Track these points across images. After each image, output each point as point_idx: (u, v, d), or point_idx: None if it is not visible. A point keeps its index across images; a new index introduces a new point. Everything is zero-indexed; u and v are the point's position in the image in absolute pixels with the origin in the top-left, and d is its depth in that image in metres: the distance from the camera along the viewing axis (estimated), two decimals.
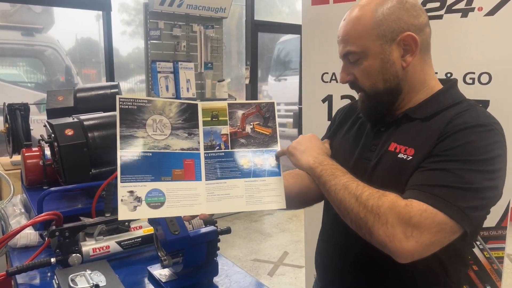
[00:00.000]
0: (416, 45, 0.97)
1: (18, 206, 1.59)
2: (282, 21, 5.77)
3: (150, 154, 0.96)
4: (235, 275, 1.19)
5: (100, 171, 1.44)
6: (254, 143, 1.05)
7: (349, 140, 1.15)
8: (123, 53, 5.03)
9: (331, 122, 1.30)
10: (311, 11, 2.04)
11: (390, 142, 1.01)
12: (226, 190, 1.00)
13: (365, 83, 1.03)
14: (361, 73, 1.02)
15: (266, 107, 1.07)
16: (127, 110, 0.96)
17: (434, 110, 0.99)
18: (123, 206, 0.90)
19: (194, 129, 1.02)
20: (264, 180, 1.02)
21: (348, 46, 1.01)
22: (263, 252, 3.85)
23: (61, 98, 1.82)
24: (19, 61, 4.76)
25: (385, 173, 0.99)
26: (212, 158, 1.01)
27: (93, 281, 0.99)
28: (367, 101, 1.06)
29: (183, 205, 0.96)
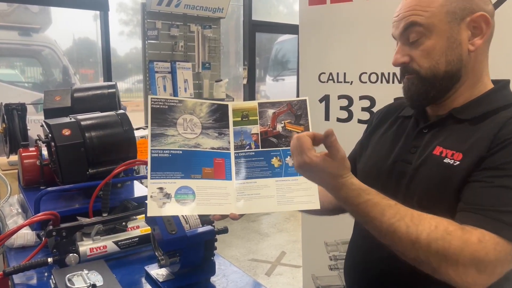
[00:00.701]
0: (488, 27, 0.91)
1: (15, 206, 1.59)
2: (280, 21, 5.77)
3: (180, 152, 0.96)
4: (232, 275, 1.19)
5: (97, 171, 1.44)
6: (286, 142, 1.01)
7: (387, 141, 1.09)
8: (120, 53, 5.03)
9: (368, 124, 1.25)
10: (308, 11, 2.04)
11: (435, 145, 0.94)
12: (257, 189, 0.97)
13: (423, 64, 0.94)
14: (420, 53, 0.94)
15: (297, 105, 1.04)
16: (158, 109, 0.96)
17: (482, 111, 0.92)
18: (153, 203, 0.90)
19: (225, 129, 1.01)
20: (296, 180, 0.98)
21: (412, 17, 0.92)
22: (261, 252, 3.85)
23: (58, 98, 1.82)
24: (16, 61, 4.76)
25: (428, 178, 0.92)
26: (242, 158, 1.00)
27: (90, 281, 0.99)
28: (419, 85, 0.96)
29: (212, 204, 0.95)
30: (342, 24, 1.91)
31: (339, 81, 1.97)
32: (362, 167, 1.14)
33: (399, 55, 0.97)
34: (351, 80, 1.93)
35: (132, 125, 1.54)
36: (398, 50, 0.98)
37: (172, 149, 0.95)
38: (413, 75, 0.97)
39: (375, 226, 0.83)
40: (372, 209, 0.82)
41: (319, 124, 2.05)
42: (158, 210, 0.90)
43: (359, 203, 0.83)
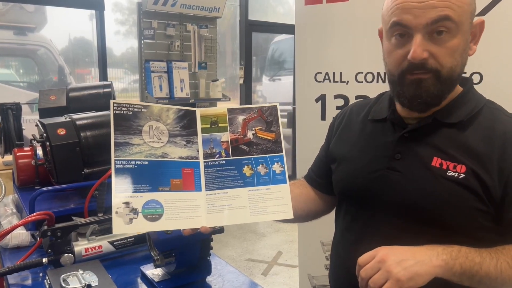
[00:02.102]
0: (481, 33, 0.90)
1: (10, 206, 1.58)
2: (277, 21, 5.77)
3: (147, 162, 0.90)
4: (228, 275, 1.18)
5: (92, 170, 1.43)
6: (257, 150, 0.98)
7: (363, 147, 1.04)
8: (116, 52, 5.01)
9: (330, 129, 1.21)
10: (304, 11, 2.04)
11: (430, 155, 0.91)
12: (228, 200, 0.93)
13: (446, 62, 0.87)
14: (444, 50, 0.86)
15: (268, 111, 1.01)
16: (122, 115, 0.91)
17: (467, 114, 0.91)
18: (118, 219, 0.85)
19: (193, 136, 0.97)
20: (268, 189, 0.95)
21: (446, 10, 0.83)
22: (257, 252, 3.85)
23: (54, 98, 1.81)
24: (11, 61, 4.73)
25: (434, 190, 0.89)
26: (212, 167, 0.96)
27: (85, 281, 0.99)
28: (437, 86, 0.89)
29: (182, 218, 0.90)
30: (338, 23, 1.92)
31: (335, 81, 1.97)
32: (341, 178, 1.09)
33: (420, 49, 0.86)
34: (347, 80, 1.93)
35: None
36: (419, 43, 0.86)
37: (138, 160, 0.90)
38: (429, 74, 0.88)
39: (484, 273, 0.82)
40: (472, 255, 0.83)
41: (316, 123, 2.05)
42: (124, 227, 0.86)
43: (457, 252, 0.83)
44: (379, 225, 0.98)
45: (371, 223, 1.00)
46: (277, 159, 0.98)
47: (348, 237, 1.07)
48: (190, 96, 4.17)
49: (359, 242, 1.00)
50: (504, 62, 1.52)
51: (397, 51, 0.91)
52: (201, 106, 4.38)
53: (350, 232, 1.06)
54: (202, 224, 0.91)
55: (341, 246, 1.11)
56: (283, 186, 0.96)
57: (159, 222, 0.88)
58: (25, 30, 4.55)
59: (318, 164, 1.22)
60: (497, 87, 1.53)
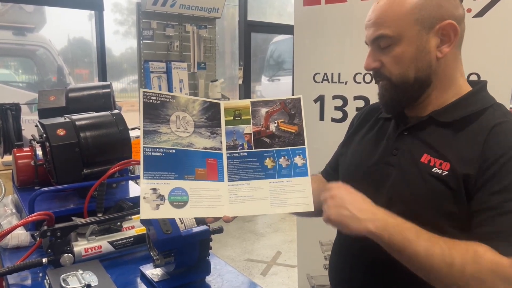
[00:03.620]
0: (456, 35, 0.93)
1: (9, 207, 1.58)
2: (276, 21, 5.78)
3: (173, 151, 0.92)
4: (227, 275, 1.19)
5: (92, 171, 1.44)
6: (279, 142, 0.99)
7: (368, 143, 1.09)
8: (115, 53, 5.02)
9: (349, 126, 1.25)
10: (303, 12, 2.05)
11: (421, 151, 0.95)
12: (250, 191, 0.95)
13: (393, 70, 0.96)
14: (391, 59, 0.95)
15: (291, 104, 1.01)
16: (150, 104, 0.92)
17: (462, 114, 0.94)
18: (146, 204, 0.86)
19: (217, 128, 0.99)
20: (290, 181, 0.96)
21: (381, 29, 0.94)
22: (256, 252, 3.85)
23: (53, 98, 1.81)
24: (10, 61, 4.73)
25: (416, 186, 0.94)
26: (235, 159, 0.97)
27: (85, 281, 0.99)
28: (392, 91, 0.98)
29: (205, 206, 0.92)
30: (337, 24, 1.92)
31: (333, 82, 1.98)
32: (345, 169, 1.15)
33: (370, 59, 0.98)
34: (345, 81, 1.94)
35: (127, 125, 1.54)
36: (369, 54, 0.99)
37: (165, 148, 0.91)
38: (385, 81, 0.99)
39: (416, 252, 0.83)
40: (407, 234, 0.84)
41: (315, 124, 2.06)
42: (152, 212, 0.87)
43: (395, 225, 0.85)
44: None
45: None
46: (299, 151, 0.99)
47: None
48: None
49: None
50: (501, 63, 1.53)
51: None
52: None
53: None
54: (224, 213, 0.93)
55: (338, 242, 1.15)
56: (305, 178, 0.97)
57: (184, 209, 0.90)
58: (24, 30, 4.55)
59: (334, 158, 1.26)
60: (494, 87, 1.54)
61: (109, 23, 4.35)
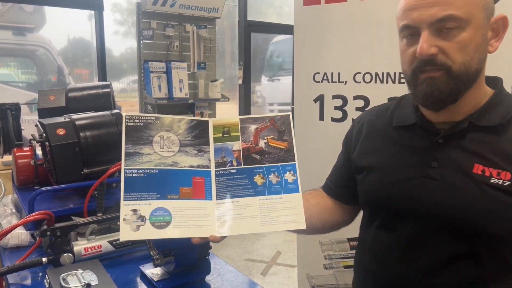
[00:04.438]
0: (505, 30, 0.87)
1: (9, 206, 1.59)
2: (276, 21, 5.78)
3: (156, 171, 0.91)
4: (227, 274, 1.19)
5: (92, 170, 1.44)
6: (269, 158, 0.97)
7: (392, 155, 0.99)
8: (116, 53, 5.02)
9: (347, 138, 1.16)
10: (303, 12, 2.05)
11: (470, 161, 0.86)
12: (239, 209, 0.92)
13: (456, 58, 0.84)
14: (454, 45, 0.83)
15: (280, 120, 1.00)
16: (133, 127, 0.93)
17: (505, 116, 0.87)
18: (125, 226, 0.86)
19: (204, 146, 0.97)
20: (280, 198, 0.94)
21: (450, 9, 0.82)
22: (256, 252, 3.85)
23: (53, 98, 1.81)
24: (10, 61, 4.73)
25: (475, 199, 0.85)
26: (224, 176, 0.95)
27: (85, 280, 0.99)
28: (449, 81, 0.85)
29: (191, 226, 0.89)
30: (337, 24, 1.92)
31: (333, 81, 1.97)
32: (368, 187, 1.05)
33: (426, 44, 0.84)
34: (345, 80, 1.94)
35: None
36: (425, 39, 0.84)
37: (147, 168, 0.91)
38: (440, 71, 0.86)
39: None
40: None
41: (314, 124, 2.06)
42: (131, 233, 0.86)
43: None
44: (415, 236, 0.94)
45: (406, 234, 0.95)
46: (290, 168, 0.97)
47: (380, 247, 1.02)
48: (189, 97, 4.18)
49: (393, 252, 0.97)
50: (500, 63, 1.53)
51: (408, 51, 0.90)
52: (200, 106, 4.39)
53: (383, 243, 1.01)
54: (211, 233, 0.90)
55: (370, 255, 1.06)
56: (296, 195, 0.94)
57: (166, 229, 0.88)
58: (24, 30, 4.55)
59: (337, 174, 1.18)
60: None
61: (109, 23, 4.35)
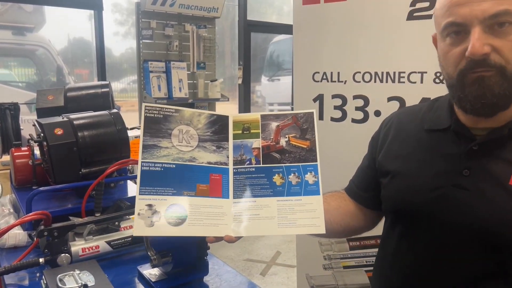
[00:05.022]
0: None
1: (7, 206, 1.58)
2: (276, 21, 5.78)
3: (173, 166, 0.89)
4: (225, 275, 1.18)
5: (90, 170, 1.43)
6: (290, 158, 0.93)
7: (422, 162, 0.93)
8: (116, 53, 5.01)
9: (374, 140, 1.11)
10: (302, 11, 2.04)
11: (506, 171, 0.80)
12: (256, 210, 0.89)
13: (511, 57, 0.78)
14: (510, 44, 0.77)
15: (303, 118, 0.96)
16: (152, 118, 0.90)
17: None
18: (140, 221, 0.83)
19: (223, 142, 0.94)
20: (300, 200, 0.90)
21: (505, 3, 0.76)
22: (256, 252, 3.85)
23: (51, 97, 1.81)
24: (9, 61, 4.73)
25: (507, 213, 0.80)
26: (242, 174, 0.92)
27: (82, 281, 0.99)
28: (502, 83, 0.79)
29: (206, 224, 0.87)
30: (336, 23, 1.92)
31: (333, 81, 1.97)
32: (393, 194, 1.00)
33: (479, 43, 0.77)
34: (344, 80, 1.93)
35: (125, 125, 1.53)
36: (477, 37, 0.77)
37: (164, 163, 0.88)
38: (491, 71, 0.79)
39: None
40: None
41: None
42: (146, 229, 0.84)
43: None
44: (442, 250, 0.89)
45: (432, 247, 0.91)
46: (311, 168, 0.92)
47: (403, 260, 0.98)
48: (188, 96, 4.17)
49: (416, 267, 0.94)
50: None
51: (454, 50, 0.83)
52: (199, 106, 4.38)
53: (406, 255, 0.97)
54: (226, 233, 0.87)
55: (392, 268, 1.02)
56: (316, 197, 0.90)
57: (181, 227, 0.85)
58: (23, 30, 4.55)
59: (361, 176, 1.14)
60: None
61: (109, 23, 4.35)
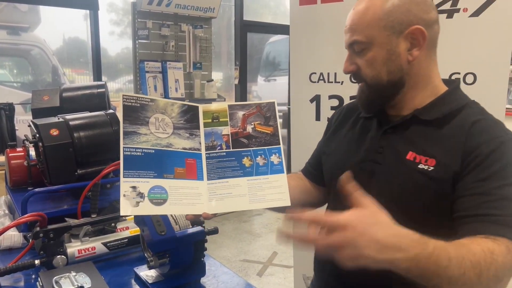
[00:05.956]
0: (424, 39, 0.97)
1: (2, 207, 1.57)
2: (271, 21, 5.78)
3: (152, 151, 0.96)
4: (222, 276, 1.18)
5: (86, 171, 1.43)
6: (256, 142, 1.04)
7: (351, 141, 1.13)
8: (111, 53, 5.00)
9: (328, 124, 1.29)
10: (299, 11, 2.04)
11: (406, 149, 0.99)
12: (229, 189, 0.99)
13: (368, 73, 1.01)
14: (365, 63, 1.01)
15: (266, 107, 1.08)
16: (130, 107, 0.97)
17: (444, 112, 0.99)
18: (126, 201, 0.89)
19: (195, 130, 1.03)
20: (267, 178, 1.01)
21: (355, 35, 1.00)
22: (252, 252, 3.85)
23: (47, 98, 1.80)
24: (4, 61, 4.70)
25: (404, 183, 0.97)
26: (214, 158, 1.01)
27: (78, 283, 0.98)
28: (367, 92, 1.04)
29: (185, 204, 0.95)
30: (333, 24, 1.92)
31: (329, 81, 1.97)
32: (329, 168, 1.18)
33: (348, 63, 1.05)
34: (341, 80, 1.93)
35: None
36: (347, 59, 1.05)
37: (144, 148, 0.95)
38: (363, 84, 1.04)
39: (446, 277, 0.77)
40: (441, 260, 0.75)
41: (311, 124, 2.05)
42: (131, 209, 0.90)
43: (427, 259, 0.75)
44: None
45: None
46: (275, 151, 1.05)
47: None
48: (185, 97, 4.17)
49: None
50: (497, 62, 1.53)
51: None
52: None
53: None
54: (203, 211, 0.96)
55: None
56: (281, 175, 1.02)
57: (163, 206, 0.92)
58: (18, 30, 4.52)
59: (314, 156, 1.30)
60: (490, 87, 1.54)
61: (104, 23, 4.33)
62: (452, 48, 1.60)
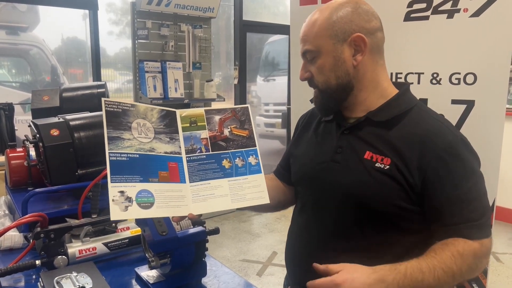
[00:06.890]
0: (365, 45, 1.05)
1: (2, 208, 1.56)
2: (270, 21, 5.77)
3: (137, 155, 0.97)
4: (223, 276, 1.18)
5: (86, 171, 1.42)
6: (233, 145, 1.09)
7: (314, 144, 1.21)
8: (110, 53, 4.99)
9: (295, 129, 1.36)
10: (299, 11, 2.05)
11: (364, 149, 1.07)
12: (211, 190, 1.03)
13: (319, 79, 1.10)
14: (316, 70, 1.10)
15: (241, 111, 1.13)
16: (112, 112, 0.98)
17: (393, 114, 1.07)
18: (115, 206, 0.91)
19: (175, 134, 1.06)
20: (246, 178, 1.06)
21: (306, 45, 1.10)
22: (252, 252, 3.85)
23: (47, 98, 1.80)
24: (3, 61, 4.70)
25: (365, 180, 1.05)
26: (194, 161, 1.05)
27: (79, 283, 0.98)
28: (320, 97, 1.13)
29: (171, 206, 0.97)
30: None
31: None
32: (296, 170, 1.26)
33: (303, 71, 1.14)
34: None
35: None
36: (302, 67, 1.14)
37: (129, 153, 0.97)
38: (316, 88, 1.14)
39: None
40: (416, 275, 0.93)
41: None
42: (121, 213, 0.91)
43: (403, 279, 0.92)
44: (323, 209, 1.15)
45: (317, 208, 1.17)
46: (252, 152, 1.10)
47: (299, 221, 1.24)
48: (184, 97, 4.16)
49: (307, 225, 1.19)
50: (497, 62, 1.53)
51: None
52: (195, 106, 4.37)
53: (300, 216, 1.23)
54: (188, 212, 0.99)
55: (293, 230, 1.26)
56: (259, 175, 1.08)
57: (151, 209, 0.94)
58: (17, 29, 4.52)
59: (285, 159, 1.37)
60: (490, 87, 1.54)
61: (103, 23, 4.32)
62: (453, 48, 1.61)
